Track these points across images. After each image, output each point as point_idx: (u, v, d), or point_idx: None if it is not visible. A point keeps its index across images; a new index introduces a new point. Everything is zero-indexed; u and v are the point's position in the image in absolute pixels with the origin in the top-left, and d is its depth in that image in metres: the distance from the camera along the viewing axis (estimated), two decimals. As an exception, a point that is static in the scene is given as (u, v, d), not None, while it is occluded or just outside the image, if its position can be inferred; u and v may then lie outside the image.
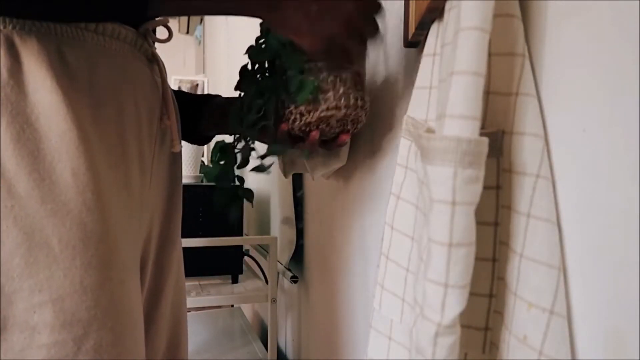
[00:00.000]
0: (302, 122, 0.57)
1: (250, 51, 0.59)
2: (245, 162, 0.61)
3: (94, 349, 0.40)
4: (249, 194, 0.63)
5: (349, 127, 0.60)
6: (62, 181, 0.40)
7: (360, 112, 0.59)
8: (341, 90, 0.56)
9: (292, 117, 0.57)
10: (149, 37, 0.52)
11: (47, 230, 0.39)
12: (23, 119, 0.39)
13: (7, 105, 0.39)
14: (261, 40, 0.59)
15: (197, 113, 0.71)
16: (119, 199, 0.46)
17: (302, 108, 0.56)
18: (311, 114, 0.56)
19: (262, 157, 0.61)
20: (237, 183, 0.64)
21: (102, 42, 0.45)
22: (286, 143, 0.61)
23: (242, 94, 0.62)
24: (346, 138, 0.61)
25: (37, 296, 0.38)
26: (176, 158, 0.61)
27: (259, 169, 0.61)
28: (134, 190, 0.49)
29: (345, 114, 0.57)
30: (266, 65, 0.60)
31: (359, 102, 0.58)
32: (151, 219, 0.55)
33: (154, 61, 0.54)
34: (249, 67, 0.61)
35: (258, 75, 0.60)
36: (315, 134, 0.58)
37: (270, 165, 0.62)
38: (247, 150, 0.60)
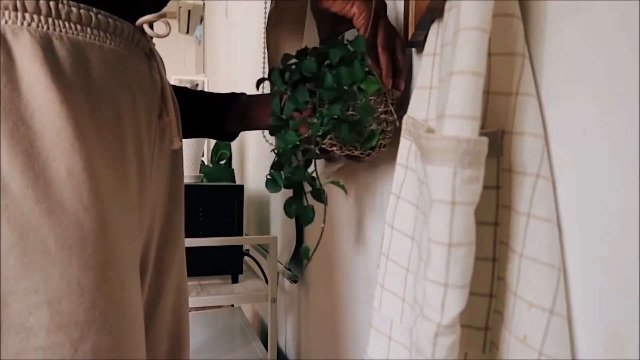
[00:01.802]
0: (330, 148, 0.58)
1: (305, 66, 0.57)
2: (309, 162, 0.62)
3: (92, 352, 0.39)
4: (319, 194, 0.63)
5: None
6: (57, 180, 0.39)
7: (381, 149, 0.60)
8: (381, 143, 0.58)
9: (324, 141, 0.57)
10: (147, 33, 0.51)
11: (43, 230, 0.38)
12: (17, 116, 0.38)
13: None
14: (326, 62, 0.57)
15: (224, 111, 0.74)
16: (117, 198, 0.45)
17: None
18: (342, 149, 0.58)
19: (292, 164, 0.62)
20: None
21: (97, 37, 0.45)
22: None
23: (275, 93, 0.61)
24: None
25: (33, 297, 0.38)
26: (177, 157, 0.60)
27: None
28: (133, 188, 0.48)
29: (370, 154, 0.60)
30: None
31: (384, 141, 0.60)
32: (152, 218, 0.54)
33: (152, 57, 0.53)
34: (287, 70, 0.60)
35: (305, 85, 0.58)
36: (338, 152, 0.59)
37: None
38: (312, 152, 0.59)
